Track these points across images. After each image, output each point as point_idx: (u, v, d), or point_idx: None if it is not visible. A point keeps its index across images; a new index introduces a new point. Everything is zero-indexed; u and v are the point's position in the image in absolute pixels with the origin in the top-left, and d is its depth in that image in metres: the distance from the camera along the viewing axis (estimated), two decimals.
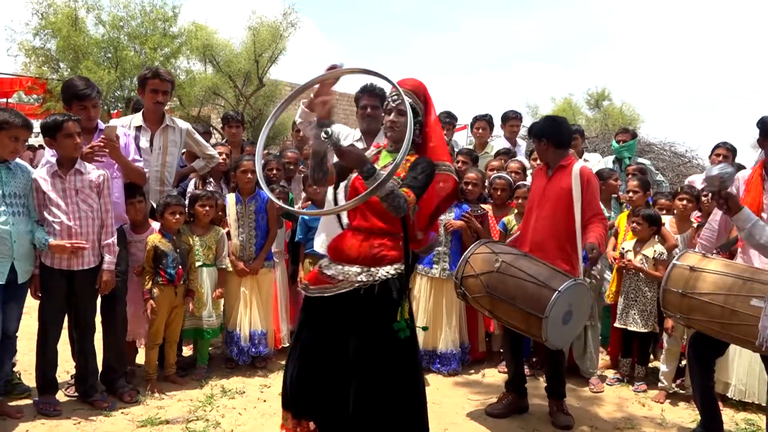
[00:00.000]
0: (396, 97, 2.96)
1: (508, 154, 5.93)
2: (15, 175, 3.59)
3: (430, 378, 4.60)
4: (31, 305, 3.80)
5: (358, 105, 4.21)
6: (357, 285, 2.87)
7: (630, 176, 5.35)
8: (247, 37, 21.29)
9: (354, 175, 3.00)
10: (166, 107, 4.59)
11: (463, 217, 4.79)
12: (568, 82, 71.03)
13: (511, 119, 6.62)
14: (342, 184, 3.10)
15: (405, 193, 2.78)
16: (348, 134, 4.34)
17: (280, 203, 2.91)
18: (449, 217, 4.81)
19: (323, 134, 2.61)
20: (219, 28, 23.05)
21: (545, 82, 66.66)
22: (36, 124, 6.03)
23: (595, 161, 6.13)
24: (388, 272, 2.88)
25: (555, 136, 3.88)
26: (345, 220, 3.26)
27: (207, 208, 4.49)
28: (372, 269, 2.87)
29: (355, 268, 2.90)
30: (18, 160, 3.64)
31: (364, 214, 2.97)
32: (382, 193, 2.66)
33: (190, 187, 4.87)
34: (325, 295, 2.93)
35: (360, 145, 4.23)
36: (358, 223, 2.99)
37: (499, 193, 5.00)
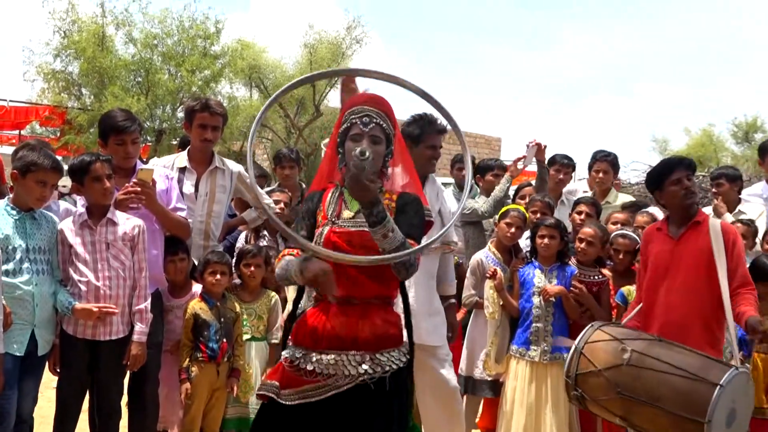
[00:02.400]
0: (368, 118, 2.90)
1: (636, 207, 5.83)
2: (40, 226, 3.75)
3: None
4: (42, 382, 3.90)
5: (418, 142, 4.21)
6: (360, 380, 2.72)
7: None
8: (302, 56, 22.00)
9: (327, 227, 2.88)
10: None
11: (573, 286, 4.70)
12: (705, 109, 69.65)
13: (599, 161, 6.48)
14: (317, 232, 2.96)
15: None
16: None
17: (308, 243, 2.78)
18: (546, 281, 4.74)
19: (358, 153, 2.70)
20: (268, 46, 23.96)
21: (674, 108, 65.82)
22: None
23: (756, 212, 5.92)
24: (399, 359, 2.82)
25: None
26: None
27: (252, 268, 4.54)
28: (377, 356, 2.77)
29: (354, 356, 2.75)
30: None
31: (354, 280, 2.80)
32: (390, 246, 2.66)
33: (240, 242, 4.98)
34: (312, 400, 2.73)
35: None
36: (349, 292, 2.80)
37: (621, 256, 4.86)
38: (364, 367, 2.71)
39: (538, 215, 5.25)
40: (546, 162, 6.11)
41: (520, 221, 5.06)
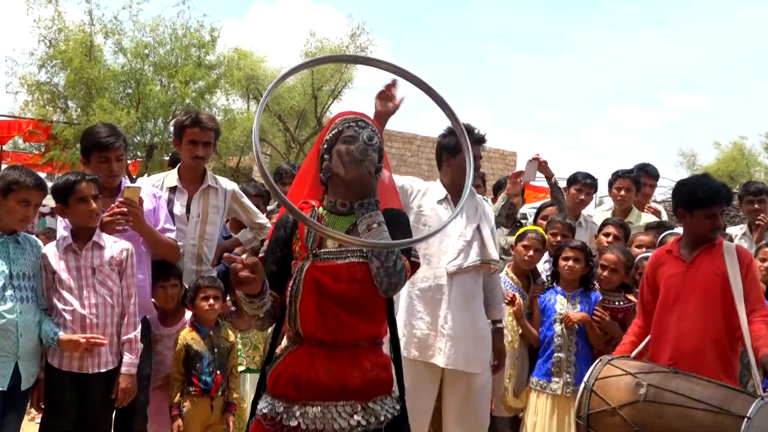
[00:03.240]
0: (363, 123, 2.84)
1: (662, 228, 5.81)
2: (24, 250, 3.79)
3: None
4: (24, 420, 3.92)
5: (455, 153, 4.30)
6: None
7: None
8: None
9: (308, 262, 2.71)
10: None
11: (595, 311, 4.68)
12: (735, 121, 69.67)
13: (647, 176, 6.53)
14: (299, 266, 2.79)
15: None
16: (425, 189, 4.42)
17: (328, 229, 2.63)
18: (569, 308, 4.73)
19: (366, 137, 2.70)
20: (267, 55, 24.13)
21: (702, 119, 65.74)
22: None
23: None
24: (393, 407, 2.74)
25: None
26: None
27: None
28: (369, 404, 2.67)
29: (343, 407, 2.63)
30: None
31: (341, 321, 2.66)
32: (375, 239, 2.63)
33: None
34: None
35: (444, 210, 4.31)
36: (335, 335, 2.67)
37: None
38: (356, 418, 2.60)
39: (559, 238, 5.24)
40: (562, 179, 6.10)
41: (538, 243, 5.04)
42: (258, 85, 21.61)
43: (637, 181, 6.32)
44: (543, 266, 5.33)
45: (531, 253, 5.00)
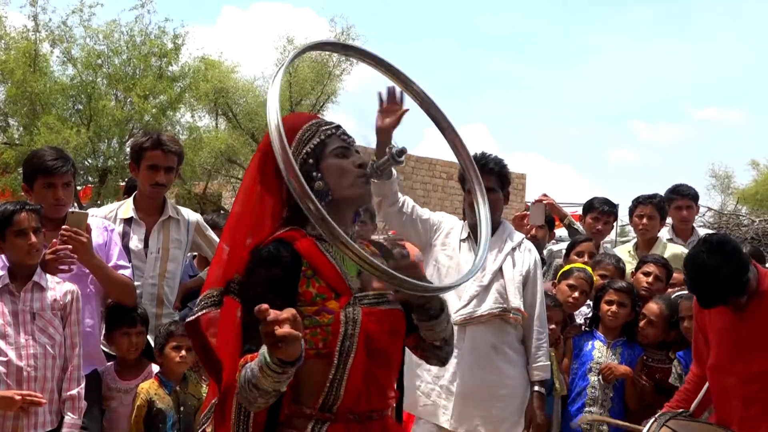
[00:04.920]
0: (344, 131, 2.62)
1: None
2: None
3: None
4: None
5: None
6: None
7: None
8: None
9: (356, 307, 2.40)
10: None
11: (638, 372, 4.66)
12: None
13: (681, 198, 6.53)
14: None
15: None
16: (450, 227, 4.45)
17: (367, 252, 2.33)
18: (610, 358, 4.71)
19: (396, 152, 2.48)
20: (238, 65, 24.11)
21: (737, 137, 66.05)
22: None
23: None
24: None
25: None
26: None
27: (183, 351, 4.30)
28: None
29: None
30: None
31: (376, 381, 2.46)
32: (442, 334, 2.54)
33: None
34: None
35: (466, 251, 4.32)
36: (371, 404, 2.45)
37: (685, 323, 4.69)
38: None
39: (608, 281, 5.12)
40: (577, 206, 6.09)
41: (586, 285, 5.01)
42: (228, 99, 21.68)
43: (662, 207, 6.31)
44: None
45: (576, 294, 4.98)
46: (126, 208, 4.58)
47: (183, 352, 4.23)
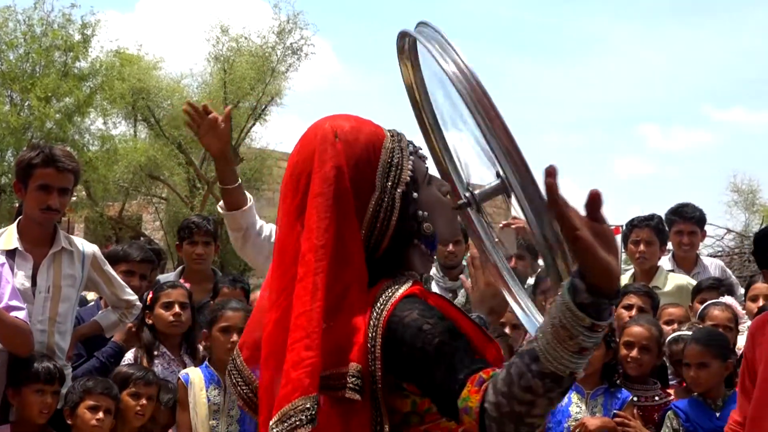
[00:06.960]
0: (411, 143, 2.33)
1: (716, 289, 5.77)
2: None
3: None
4: None
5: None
6: None
7: None
8: (211, 73, 22.14)
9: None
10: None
11: (618, 414, 4.70)
12: None
13: (682, 221, 6.57)
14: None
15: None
16: None
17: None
18: (587, 411, 4.78)
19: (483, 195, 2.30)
20: (162, 60, 23.93)
21: (760, 142, 66.97)
22: None
23: None
24: None
25: None
26: None
27: (143, 400, 4.40)
28: None
29: None
30: None
31: None
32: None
33: (128, 359, 4.80)
34: None
35: None
36: None
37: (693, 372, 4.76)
38: None
39: None
40: None
41: None
42: (149, 101, 21.59)
43: (661, 230, 6.29)
44: None
45: None
46: (8, 237, 4.45)
47: (101, 414, 4.20)
